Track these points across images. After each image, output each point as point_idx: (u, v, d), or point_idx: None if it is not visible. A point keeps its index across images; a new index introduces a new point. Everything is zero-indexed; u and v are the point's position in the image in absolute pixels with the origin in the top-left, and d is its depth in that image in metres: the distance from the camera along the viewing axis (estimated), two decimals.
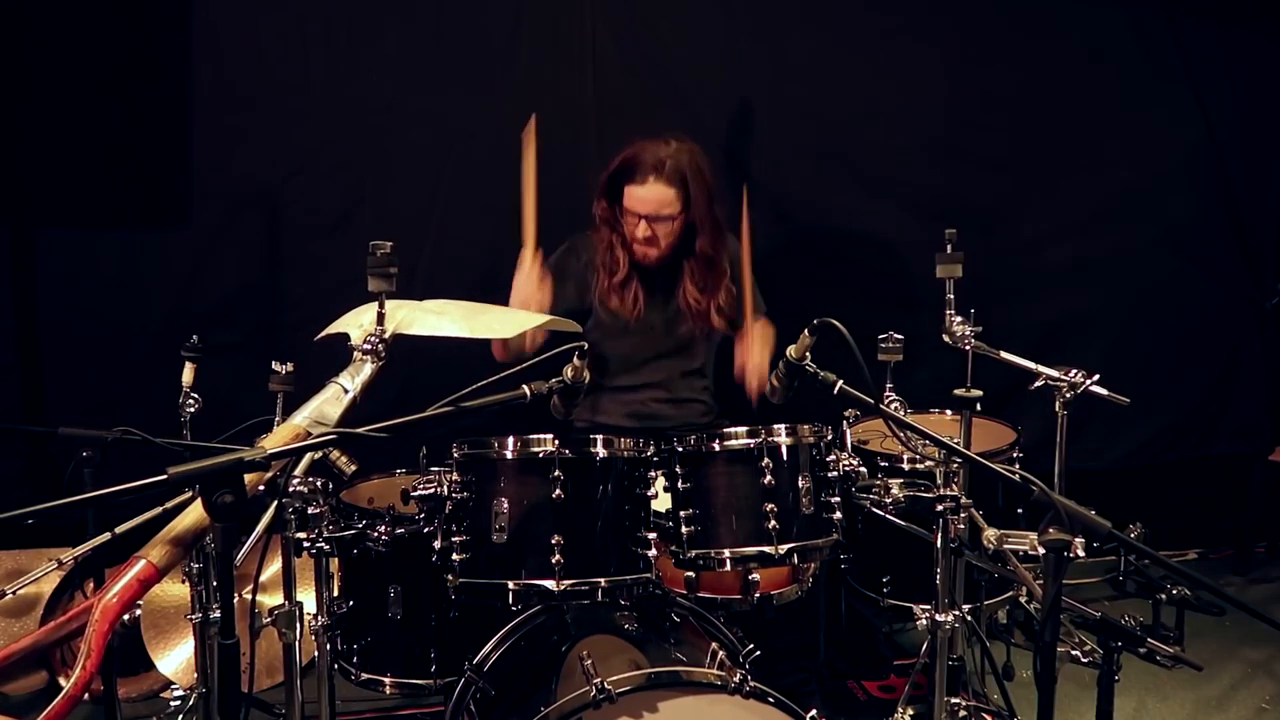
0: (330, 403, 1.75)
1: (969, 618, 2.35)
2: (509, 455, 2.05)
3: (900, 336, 2.25)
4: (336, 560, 2.30)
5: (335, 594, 2.28)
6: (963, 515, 2.21)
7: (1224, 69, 3.77)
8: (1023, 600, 3.00)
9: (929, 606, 2.25)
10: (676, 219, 2.82)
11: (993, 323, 2.56)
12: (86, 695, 2.76)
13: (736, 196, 3.28)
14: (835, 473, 2.20)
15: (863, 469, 2.26)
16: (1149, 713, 2.93)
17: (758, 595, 2.28)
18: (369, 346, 1.85)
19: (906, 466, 2.69)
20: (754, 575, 2.23)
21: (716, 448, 2.14)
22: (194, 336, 2.42)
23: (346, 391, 1.78)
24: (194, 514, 1.45)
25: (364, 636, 2.50)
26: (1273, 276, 3.91)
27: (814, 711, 1.92)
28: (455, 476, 2.07)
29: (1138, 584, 3.66)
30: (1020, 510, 2.68)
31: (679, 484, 2.15)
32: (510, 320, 2.33)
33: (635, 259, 2.88)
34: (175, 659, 2.91)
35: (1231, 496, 3.92)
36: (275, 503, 2.02)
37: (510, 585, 2.00)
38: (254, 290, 3.30)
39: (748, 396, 2.86)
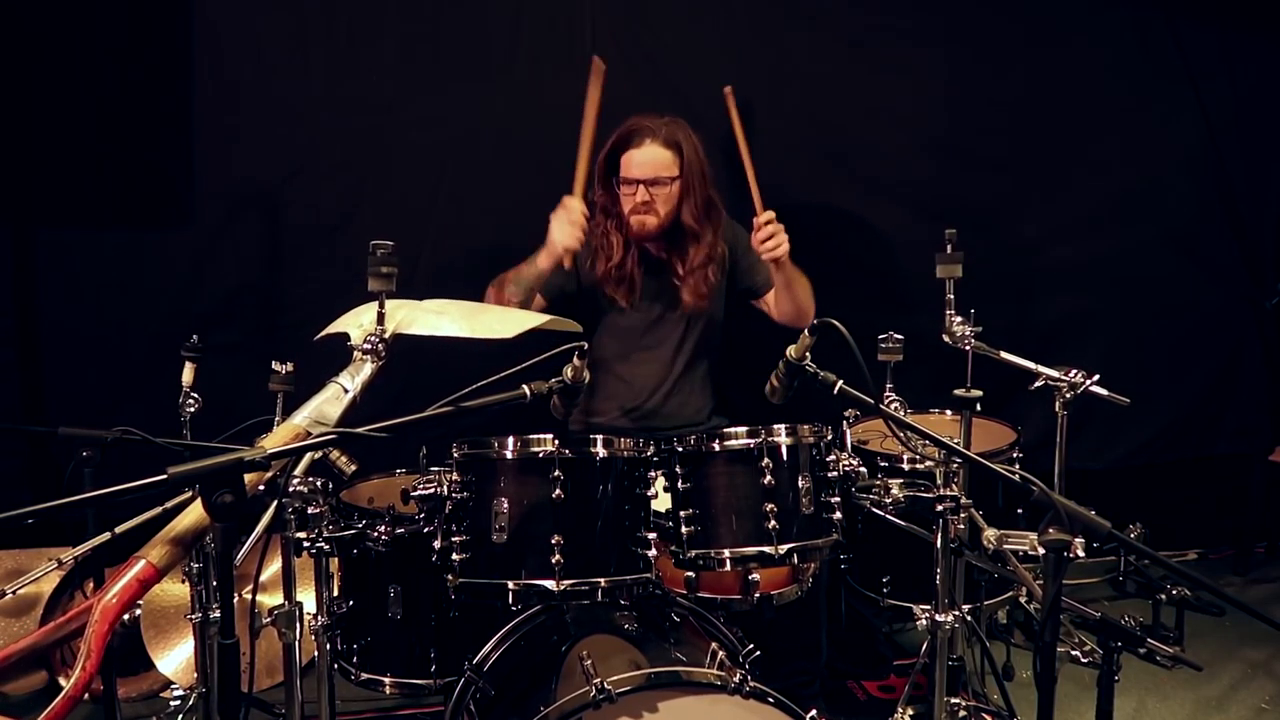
0: (330, 402, 1.75)
1: (969, 618, 2.35)
2: (509, 455, 2.05)
3: (900, 336, 2.25)
4: (336, 560, 2.30)
5: (335, 594, 2.28)
6: (963, 515, 2.21)
7: (1224, 69, 3.76)
8: (1023, 600, 3.00)
9: (929, 606, 2.25)
10: (674, 182, 2.84)
11: (993, 323, 2.56)
12: (86, 695, 2.77)
13: (740, 194, 3.29)
14: (835, 473, 2.20)
15: (863, 469, 2.27)
16: (1149, 713, 2.93)
17: (758, 595, 2.28)
18: (369, 346, 1.85)
19: (906, 466, 2.69)
20: (754, 575, 2.23)
21: (716, 448, 2.15)
22: (194, 336, 2.42)
23: (346, 391, 1.78)
24: (194, 514, 1.45)
25: (364, 636, 2.51)
26: (1273, 276, 3.91)
27: (814, 711, 1.92)
28: (455, 476, 2.07)
29: (1138, 584, 3.66)
30: (1020, 510, 2.68)
31: (679, 484, 2.15)
32: (510, 320, 2.32)
33: (633, 234, 2.89)
34: (175, 659, 2.91)
35: (1231, 496, 3.92)
36: (275, 502, 2.02)
37: (510, 585, 2.00)
38: (254, 290, 3.30)
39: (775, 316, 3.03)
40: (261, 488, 1.65)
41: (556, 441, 2.03)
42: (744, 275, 3.10)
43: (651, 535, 2.09)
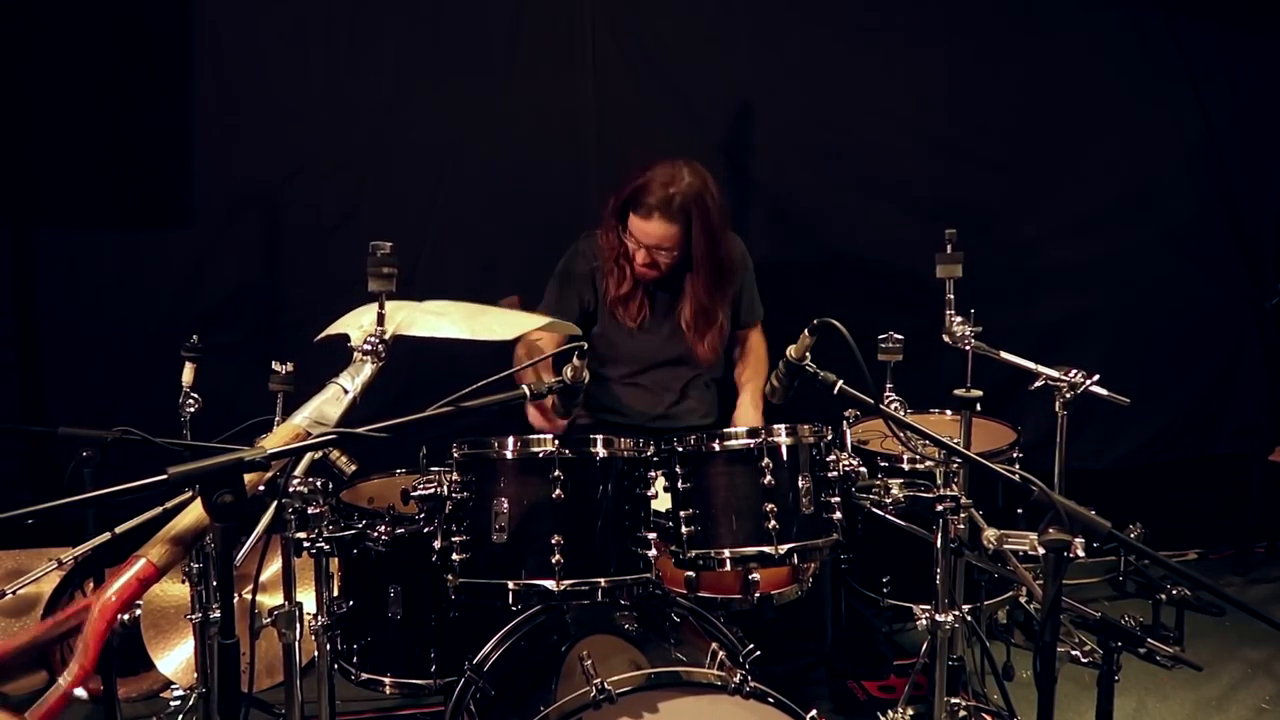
0: (330, 403, 1.75)
1: (969, 618, 2.35)
2: (509, 455, 2.05)
3: (900, 336, 2.25)
4: (336, 560, 2.30)
5: (335, 594, 2.28)
6: (963, 515, 2.21)
7: (1224, 69, 3.77)
8: (1023, 600, 3.00)
9: (929, 606, 2.25)
10: (676, 249, 2.85)
11: (993, 323, 2.56)
12: (86, 694, 2.77)
13: (740, 195, 3.29)
14: (835, 473, 2.20)
15: (863, 469, 2.26)
16: (1149, 713, 2.93)
17: (758, 595, 2.28)
18: (369, 347, 1.85)
19: (906, 466, 2.69)
20: (754, 575, 2.23)
21: (716, 448, 2.14)
22: (194, 336, 2.42)
23: (346, 392, 1.78)
24: (194, 513, 1.45)
25: (364, 636, 2.51)
26: (1273, 276, 3.91)
27: (814, 711, 1.92)
28: (455, 476, 2.07)
29: (1138, 584, 3.66)
30: (1020, 510, 2.68)
31: (679, 484, 2.15)
32: (510, 321, 2.33)
33: (636, 277, 2.92)
34: (175, 659, 2.91)
35: (1231, 496, 3.92)
36: (275, 503, 2.02)
37: (510, 585, 2.00)
38: (254, 290, 3.30)
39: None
40: (261, 488, 1.65)
41: (556, 441, 2.03)
42: (737, 310, 3.11)
43: (651, 535, 2.09)
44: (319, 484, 2.04)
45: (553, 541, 1.99)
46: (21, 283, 3.16)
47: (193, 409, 2.40)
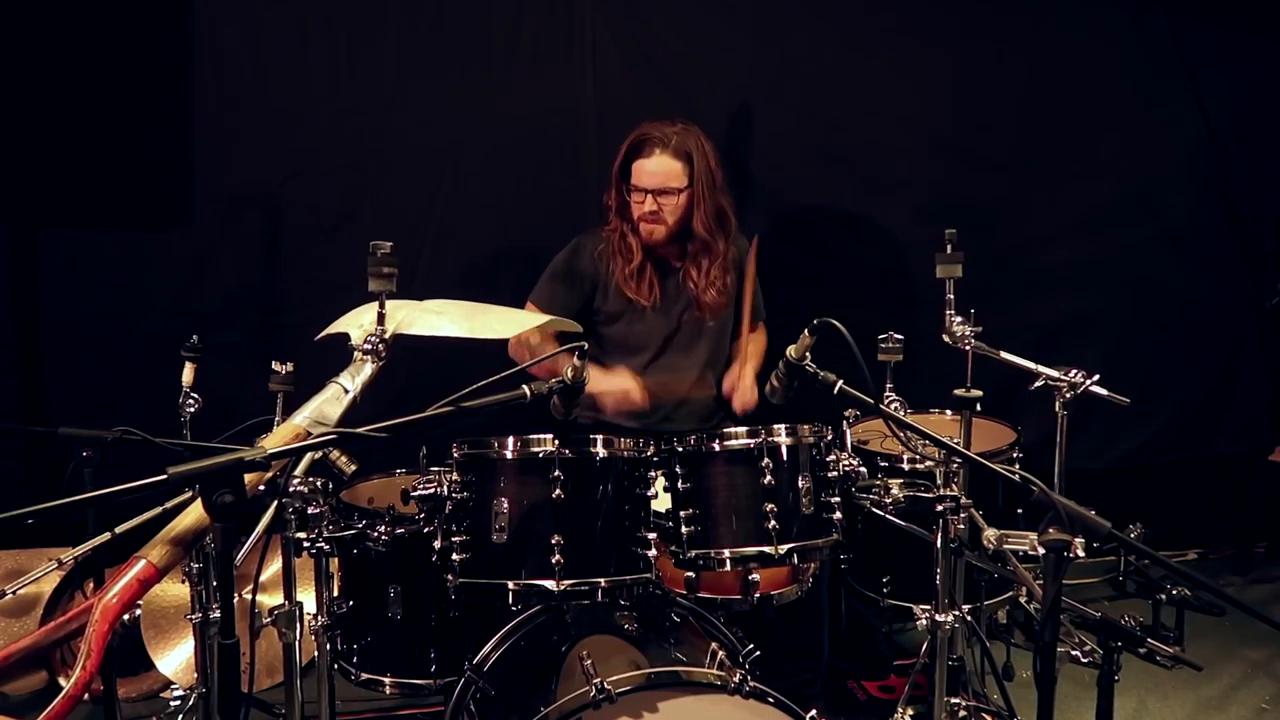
0: (330, 403, 1.75)
1: (969, 618, 2.35)
2: (509, 455, 2.05)
3: (900, 336, 2.25)
4: (336, 560, 2.30)
5: (335, 594, 2.28)
6: (963, 515, 2.21)
7: (1224, 69, 3.77)
8: (1023, 600, 3.00)
9: (929, 606, 2.25)
10: (682, 193, 2.85)
11: (993, 323, 2.56)
12: (87, 695, 2.77)
13: (740, 195, 3.29)
14: (835, 473, 2.20)
15: (863, 469, 2.27)
16: (1149, 713, 2.93)
17: (758, 595, 2.28)
18: (369, 346, 1.85)
19: (906, 466, 2.69)
20: (754, 575, 2.23)
21: (716, 448, 2.15)
22: (194, 336, 2.42)
23: (347, 391, 1.78)
24: (194, 514, 1.45)
25: (364, 636, 2.50)
26: (1273, 276, 3.91)
27: (814, 711, 1.92)
28: (455, 476, 2.07)
29: (1138, 584, 3.66)
30: (1020, 510, 2.68)
31: (679, 484, 2.15)
32: (510, 320, 2.33)
33: (643, 240, 2.91)
34: (175, 659, 2.91)
35: (1231, 496, 3.92)
36: (275, 503, 2.02)
37: (510, 585, 2.00)
38: (254, 290, 3.30)
39: (733, 411, 2.96)
40: (262, 488, 1.65)
41: (556, 441, 2.03)
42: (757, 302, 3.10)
43: (651, 535, 2.09)
44: (319, 484, 2.05)
45: (553, 541, 1.99)
46: (21, 283, 3.16)
47: (193, 409, 2.40)
